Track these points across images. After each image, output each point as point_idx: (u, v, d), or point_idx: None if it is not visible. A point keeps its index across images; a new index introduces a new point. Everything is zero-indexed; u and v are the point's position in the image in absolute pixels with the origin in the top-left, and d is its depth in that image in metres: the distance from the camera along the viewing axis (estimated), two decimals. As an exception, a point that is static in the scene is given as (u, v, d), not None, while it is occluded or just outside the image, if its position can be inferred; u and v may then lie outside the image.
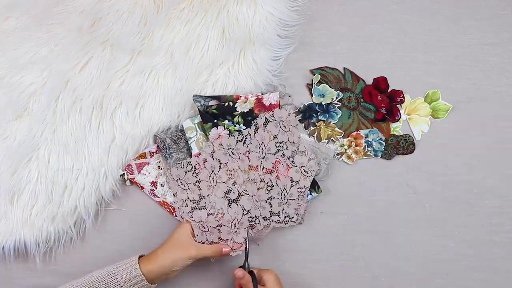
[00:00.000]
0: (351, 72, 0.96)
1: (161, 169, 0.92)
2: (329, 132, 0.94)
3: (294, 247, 0.92)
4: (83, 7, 0.92)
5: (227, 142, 0.90)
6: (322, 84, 0.95)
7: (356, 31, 0.98)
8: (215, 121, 0.90)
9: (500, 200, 0.93)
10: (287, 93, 0.95)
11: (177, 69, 0.93)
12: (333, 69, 0.96)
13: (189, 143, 0.90)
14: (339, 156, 0.94)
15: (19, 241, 0.87)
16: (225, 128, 0.90)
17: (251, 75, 0.93)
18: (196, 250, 0.82)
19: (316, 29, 0.98)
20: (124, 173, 0.91)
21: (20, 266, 0.90)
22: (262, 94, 0.92)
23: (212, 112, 0.90)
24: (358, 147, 0.94)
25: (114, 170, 0.90)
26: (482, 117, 0.96)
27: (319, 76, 0.95)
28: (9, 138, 0.89)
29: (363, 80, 0.96)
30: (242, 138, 0.90)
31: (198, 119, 0.91)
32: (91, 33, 0.92)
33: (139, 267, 0.78)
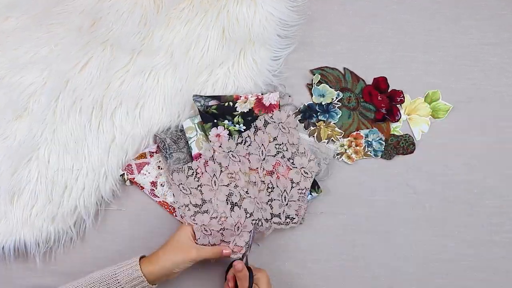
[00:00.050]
0: (351, 72, 0.96)
1: (161, 169, 0.92)
2: (329, 132, 0.94)
3: (294, 247, 0.92)
4: (83, 7, 0.92)
5: (227, 145, 0.89)
6: (322, 84, 0.95)
7: (356, 31, 0.98)
8: (215, 121, 0.90)
9: (500, 200, 0.93)
10: (287, 93, 0.95)
11: (177, 69, 0.93)
12: (333, 69, 0.96)
13: (189, 143, 0.90)
14: (339, 156, 0.94)
15: (19, 241, 0.87)
16: (225, 128, 0.90)
17: (251, 75, 0.93)
18: (197, 252, 0.82)
19: (316, 29, 0.98)
20: (124, 173, 0.91)
21: (20, 266, 0.90)
22: (262, 94, 0.92)
23: (212, 112, 0.90)
24: (358, 147, 0.94)
25: (114, 170, 0.90)
26: (482, 117, 0.96)
27: (319, 76, 0.95)
28: (9, 138, 0.89)
29: (363, 80, 0.96)
30: (242, 140, 0.90)
31: (198, 119, 0.91)
32: (91, 33, 0.92)
33: (140, 268, 0.78)
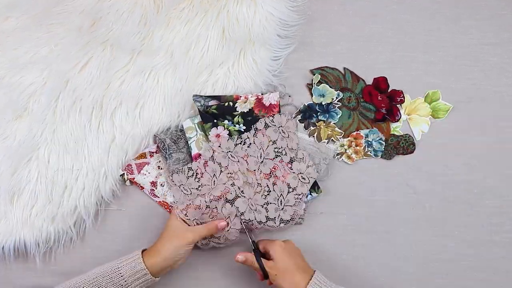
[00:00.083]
0: (351, 72, 0.96)
1: (161, 169, 0.92)
2: (329, 132, 0.94)
3: (294, 247, 0.92)
4: (83, 7, 0.92)
5: (226, 145, 0.89)
6: (322, 84, 0.95)
7: (356, 31, 0.98)
8: (215, 121, 0.90)
9: (500, 200, 0.93)
10: (287, 93, 0.95)
11: (177, 69, 0.93)
12: (333, 69, 0.96)
13: (189, 143, 0.90)
14: (339, 156, 0.94)
15: (19, 241, 0.87)
16: (225, 128, 0.90)
17: (251, 75, 0.93)
18: (192, 233, 0.81)
19: (316, 29, 0.98)
20: (124, 173, 0.91)
21: (20, 266, 0.90)
22: (262, 94, 0.92)
23: (212, 112, 0.90)
24: (358, 147, 0.94)
25: (114, 170, 0.90)
26: (482, 117, 0.96)
27: (319, 76, 0.95)
28: (9, 138, 0.89)
29: (363, 80, 0.96)
30: (241, 141, 0.90)
31: (198, 119, 0.91)
32: (91, 33, 0.92)
33: (143, 261, 0.78)
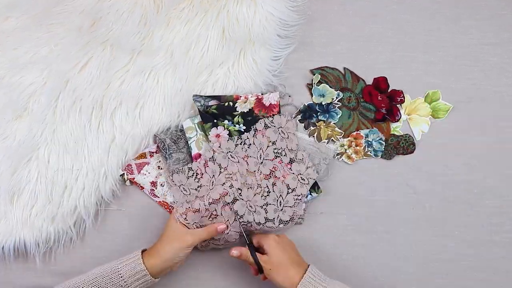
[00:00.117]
0: (351, 72, 0.96)
1: (161, 169, 0.92)
2: (329, 132, 0.94)
3: (294, 247, 0.92)
4: (83, 7, 0.92)
5: (226, 145, 0.89)
6: (322, 84, 0.95)
7: (356, 31, 0.98)
8: (215, 121, 0.90)
9: (500, 200, 0.93)
10: (287, 93, 0.95)
11: (177, 69, 0.93)
12: (333, 69, 0.96)
13: (189, 143, 0.90)
14: (339, 156, 0.94)
15: (19, 241, 0.87)
16: (225, 128, 0.90)
17: (251, 75, 0.93)
18: (192, 236, 0.81)
19: (316, 29, 0.98)
20: (124, 173, 0.91)
21: (20, 266, 0.90)
22: (262, 94, 0.92)
23: (212, 112, 0.90)
24: (358, 147, 0.94)
25: (114, 170, 0.90)
26: (482, 117, 0.96)
27: (319, 76, 0.95)
28: (9, 138, 0.89)
29: (363, 80, 0.96)
30: (241, 142, 0.90)
31: (198, 119, 0.91)
32: (91, 33, 0.92)
33: (143, 261, 0.78)
